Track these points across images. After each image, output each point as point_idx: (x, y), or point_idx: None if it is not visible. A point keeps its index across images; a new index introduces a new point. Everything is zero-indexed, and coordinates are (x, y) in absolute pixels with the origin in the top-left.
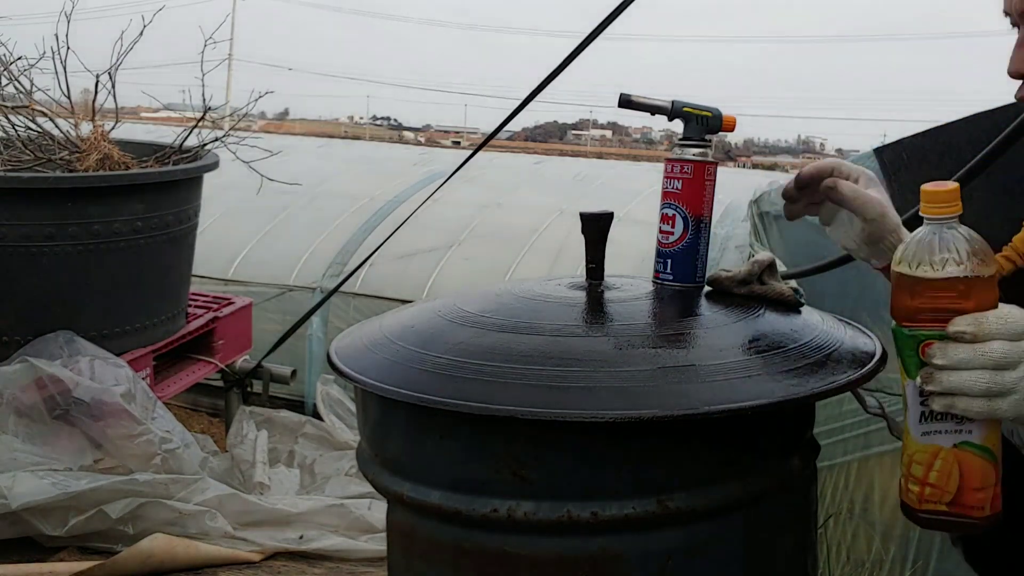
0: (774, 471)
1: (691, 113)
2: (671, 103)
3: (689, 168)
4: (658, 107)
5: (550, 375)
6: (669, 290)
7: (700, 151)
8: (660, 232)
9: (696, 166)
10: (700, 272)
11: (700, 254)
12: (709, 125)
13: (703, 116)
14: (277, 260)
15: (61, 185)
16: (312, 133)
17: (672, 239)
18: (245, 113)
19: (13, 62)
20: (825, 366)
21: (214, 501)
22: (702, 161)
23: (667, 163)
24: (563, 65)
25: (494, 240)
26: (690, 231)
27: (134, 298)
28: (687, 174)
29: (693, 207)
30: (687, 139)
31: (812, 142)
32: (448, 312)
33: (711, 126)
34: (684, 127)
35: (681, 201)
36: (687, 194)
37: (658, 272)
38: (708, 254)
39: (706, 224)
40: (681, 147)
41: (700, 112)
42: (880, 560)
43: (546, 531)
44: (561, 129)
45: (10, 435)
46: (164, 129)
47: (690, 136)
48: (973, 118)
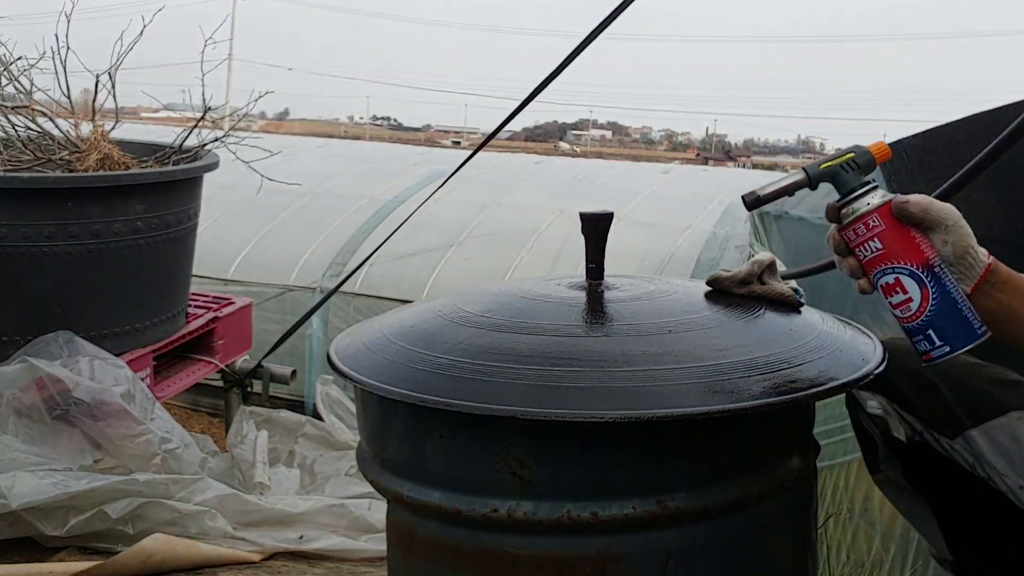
0: (774, 471)
1: (832, 167)
2: (803, 172)
3: (876, 219)
4: (795, 184)
5: (550, 375)
6: (669, 290)
7: (870, 195)
8: (893, 309)
9: (881, 212)
10: (975, 321)
11: (959, 301)
12: (861, 165)
13: (848, 162)
14: (277, 260)
15: (61, 185)
16: (312, 133)
17: (915, 306)
18: (245, 113)
19: (13, 62)
20: (825, 366)
21: (214, 501)
22: (884, 202)
23: (847, 231)
24: (563, 65)
25: (494, 240)
26: (929, 285)
27: (134, 298)
28: (879, 226)
29: (912, 257)
30: (850, 193)
31: (812, 142)
32: (448, 312)
33: (863, 165)
34: (837, 186)
35: (894, 259)
36: (895, 247)
37: (928, 353)
38: (961, 295)
39: (939, 267)
40: (849, 205)
41: (843, 159)
42: (880, 560)
43: (546, 531)
44: (561, 129)
45: (10, 435)
46: (164, 129)
47: (852, 188)
48: (973, 118)
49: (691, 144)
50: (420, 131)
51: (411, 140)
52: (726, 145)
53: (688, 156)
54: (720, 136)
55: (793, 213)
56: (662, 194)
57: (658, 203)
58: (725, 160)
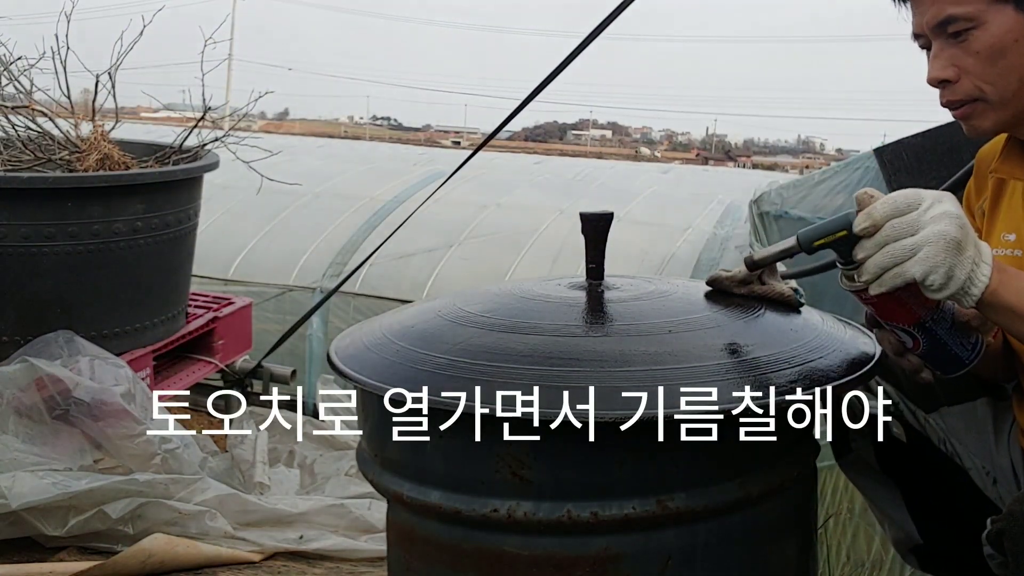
0: (774, 471)
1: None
2: (796, 240)
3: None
4: (787, 251)
5: (550, 375)
6: (669, 290)
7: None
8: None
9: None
10: (964, 352)
11: (949, 344)
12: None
13: (840, 239)
14: (277, 260)
15: (61, 185)
16: (312, 133)
17: (911, 346)
18: (245, 113)
19: (13, 62)
20: (825, 366)
21: (214, 501)
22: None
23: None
24: (563, 65)
25: (494, 240)
26: (919, 337)
27: (134, 298)
28: (874, 298)
29: (902, 320)
30: (847, 265)
31: (812, 142)
32: (448, 312)
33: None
34: (836, 253)
35: (887, 319)
36: (885, 312)
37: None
38: (953, 335)
39: (930, 320)
40: (847, 278)
41: (835, 237)
42: (880, 560)
43: (546, 531)
44: (561, 129)
45: (10, 435)
46: (164, 129)
47: (849, 260)
48: None
49: (691, 144)
50: (420, 131)
51: (411, 140)
52: (726, 145)
53: (689, 156)
54: (720, 136)
55: (793, 213)
56: (662, 194)
57: (658, 203)
58: (725, 160)
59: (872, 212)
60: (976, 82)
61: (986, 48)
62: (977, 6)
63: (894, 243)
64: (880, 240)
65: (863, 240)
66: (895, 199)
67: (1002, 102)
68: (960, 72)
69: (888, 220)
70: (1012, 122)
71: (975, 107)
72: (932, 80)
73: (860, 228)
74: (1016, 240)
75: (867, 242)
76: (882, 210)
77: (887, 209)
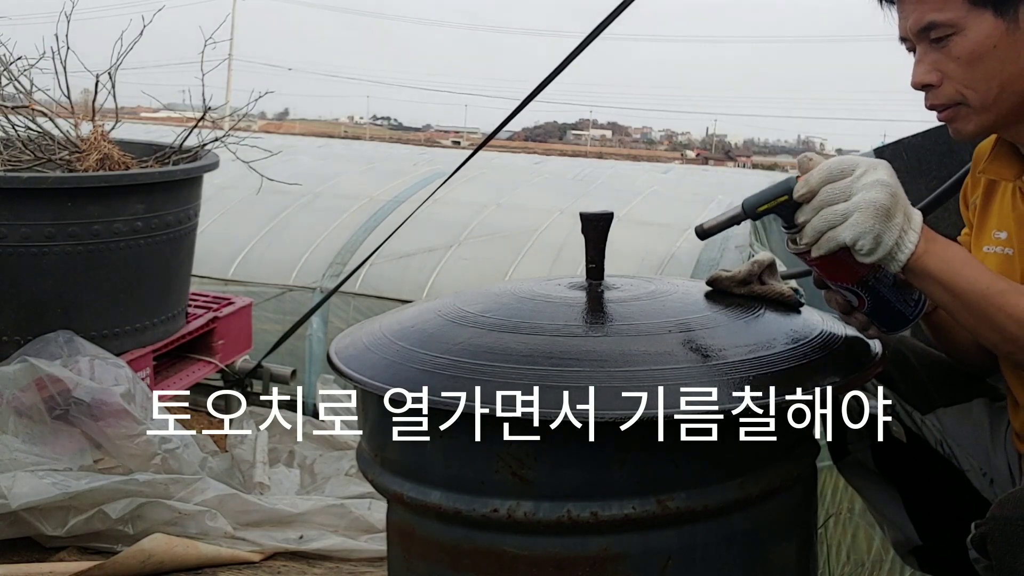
0: (773, 471)
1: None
2: (742, 208)
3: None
4: (734, 218)
5: (550, 375)
6: (669, 290)
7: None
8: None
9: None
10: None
11: (892, 300)
12: (794, 204)
13: (782, 204)
14: (277, 260)
15: (61, 185)
16: (312, 133)
17: (856, 304)
18: (245, 113)
19: (13, 62)
20: (825, 366)
21: (214, 501)
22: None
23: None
24: (563, 65)
25: (494, 240)
26: (863, 295)
27: (134, 298)
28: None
29: (844, 278)
30: (790, 228)
31: (812, 142)
32: (448, 312)
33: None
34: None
35: (831, 279)
36: (831, 272)
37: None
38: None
39: (872, 279)
40: (792, 242)
41: (778, 202)
42: (880, 560)
43: (546, 531)
44: (561, 129)
45: (10, 435)
46: (164, 129)
47: (793, 223)
48: None
49: (691, 144)
50: (420, 131)
51: (411, 140)
52: (726, 145)
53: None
54: (720, 136)
55: None
56: (662, 194)
57: (658, 203)
58: (725, 160)
59: (809, 178)
60: (958, 87)
61: (966, 53)
62: (957, 12)
63: (827, 208)
64: (816, 205)
65: (803, 205)
66: (830, 165)
67: (983, 106)
68: (943, 76)
69: (823, 185)
70: (995, 125)
71: (958, 111)
72: (916, 84)
73: (799, 194)
74: (1007, 238)
75: (806, 207)
76: (818, 176)
77: (822, 175)
